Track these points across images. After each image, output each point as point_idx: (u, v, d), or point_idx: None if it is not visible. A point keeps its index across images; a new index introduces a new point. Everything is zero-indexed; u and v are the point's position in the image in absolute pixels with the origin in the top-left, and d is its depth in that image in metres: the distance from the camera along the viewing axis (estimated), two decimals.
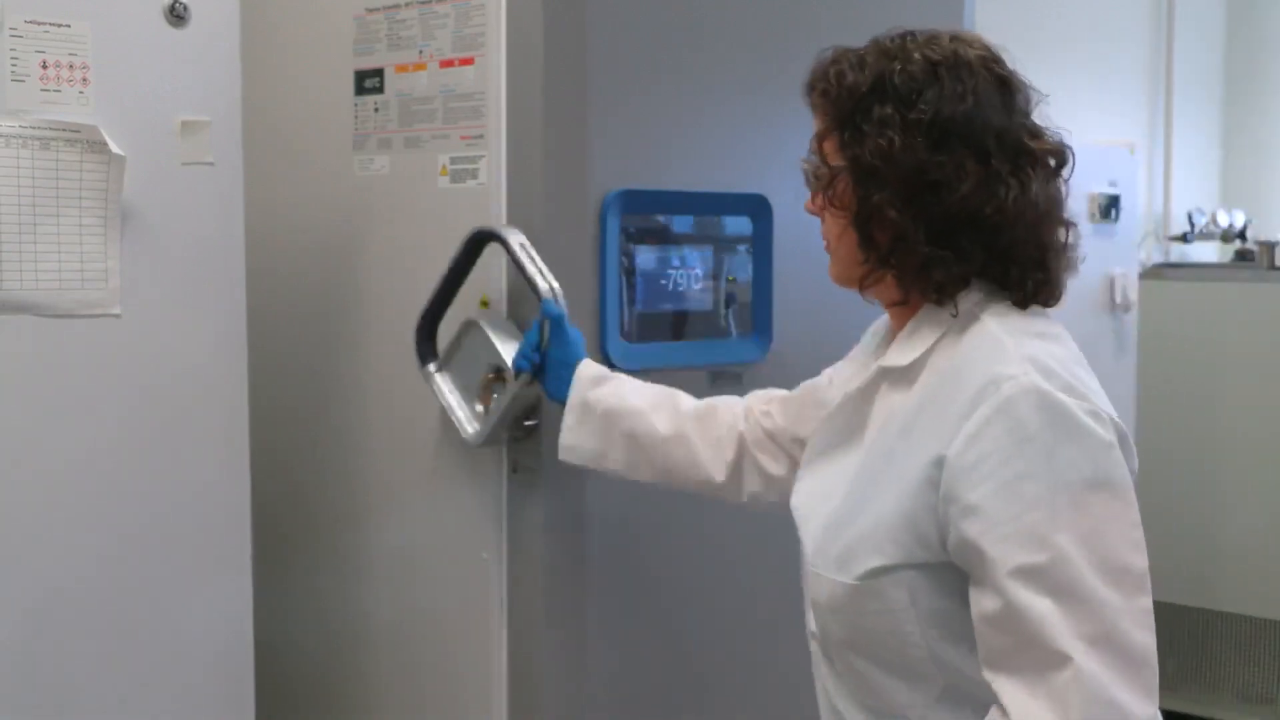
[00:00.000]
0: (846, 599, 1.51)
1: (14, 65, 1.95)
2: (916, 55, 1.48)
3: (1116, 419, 1.42)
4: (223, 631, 2.19)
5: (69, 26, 1.99)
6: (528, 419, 2.22)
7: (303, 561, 2.66)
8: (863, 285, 1.56)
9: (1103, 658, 1.32)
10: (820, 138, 1.56)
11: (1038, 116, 1.54)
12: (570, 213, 2.25)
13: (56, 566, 2.02)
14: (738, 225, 2.49)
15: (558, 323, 2.09)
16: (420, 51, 2.40)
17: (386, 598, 2.55)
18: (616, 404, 2.06)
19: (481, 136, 2.31)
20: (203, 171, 2.13)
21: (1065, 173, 1.53)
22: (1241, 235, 5.37)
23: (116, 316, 2.05)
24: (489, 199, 2.31)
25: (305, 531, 2.67)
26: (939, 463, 1.42)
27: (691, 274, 2.41)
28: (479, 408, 2.24)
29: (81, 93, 2.00)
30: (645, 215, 2.35)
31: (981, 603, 1.39)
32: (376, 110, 2.48)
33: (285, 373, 2.63)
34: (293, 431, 2.66)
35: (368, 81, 2.50)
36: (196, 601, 2.15)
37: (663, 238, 2.40)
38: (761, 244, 2.49)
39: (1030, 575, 1.35)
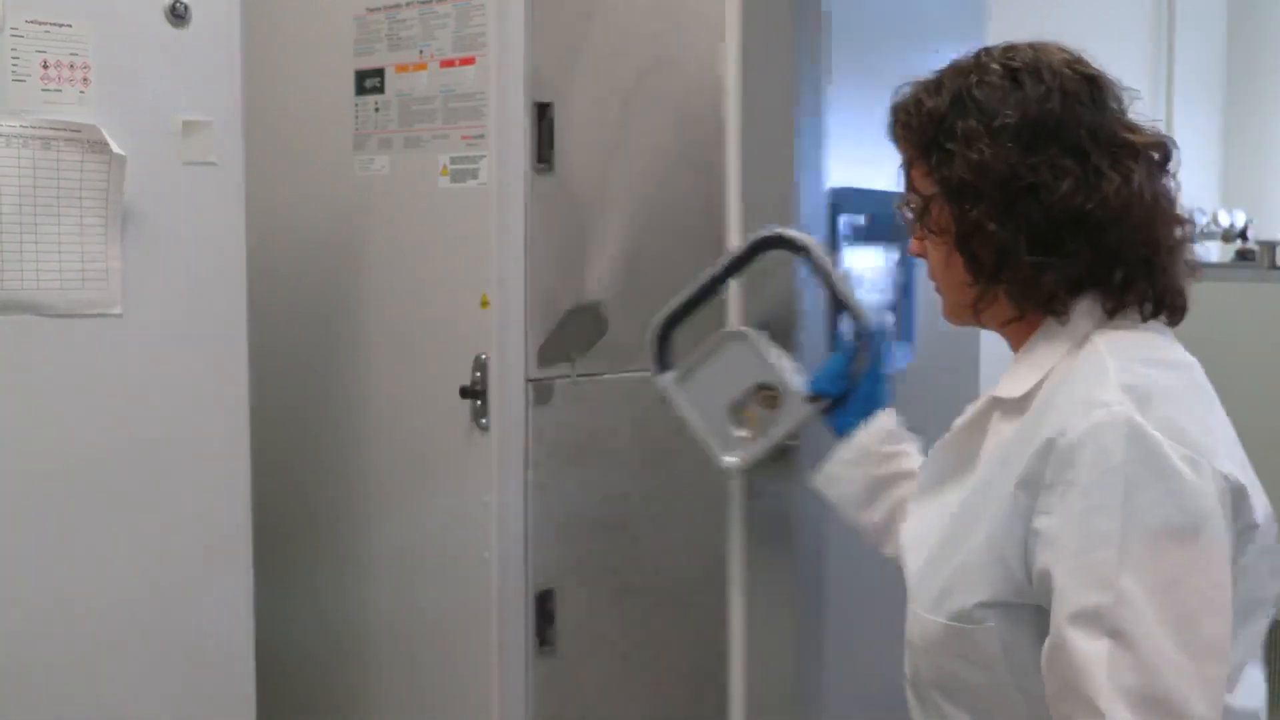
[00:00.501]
0: (939, 640, 1.42)
1: (15, 65, 1.95)
2: (994, 66, 1.43)
3: (1228, 473, 1.28)
4: (224, 631, 2.19)
5: (70, 26, 1.99)
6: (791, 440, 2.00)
7: (304, 561, 2.66)
8: (977, 310, 1.47)
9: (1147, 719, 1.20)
10: (908, 170, 1.50)
11: (1132, 114, 1.46)
12: (798, 212, 2.05)
13: (57, 566, 2.02)
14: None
15: (879, 347, 1.86)
16: (421, 51, 2.40)
17: (387, 597, 2.55)
18: (901, 469, 1.81)
19: (482, 136, 2.32)
20: (203, 171, 2.13)
21: (1171, 167, 1.45)
22: (1242, 235, 5.36)
23: (117, 316, 2.05)
24: (489, 199, 2.31)
25: (305, 531, 2.67)
26: (1025, 485, 1.33)
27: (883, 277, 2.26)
28: (739, 430, 2.00)
29: (82, 92, 2.00)
30: (855, 214, 2.19)
31: (1048, 638, 1.30)
32: (377, 110, 2.48)
33: (286, 372, 2.63)
34: (293, 431, 2.66)
35: (368, 81, 2.50)
36: (197, 601, 2.15)
37: (873, 237, 2.21)
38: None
39: (1087, 617, 1.24)
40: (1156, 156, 1.43)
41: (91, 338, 2.03)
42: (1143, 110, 1.46)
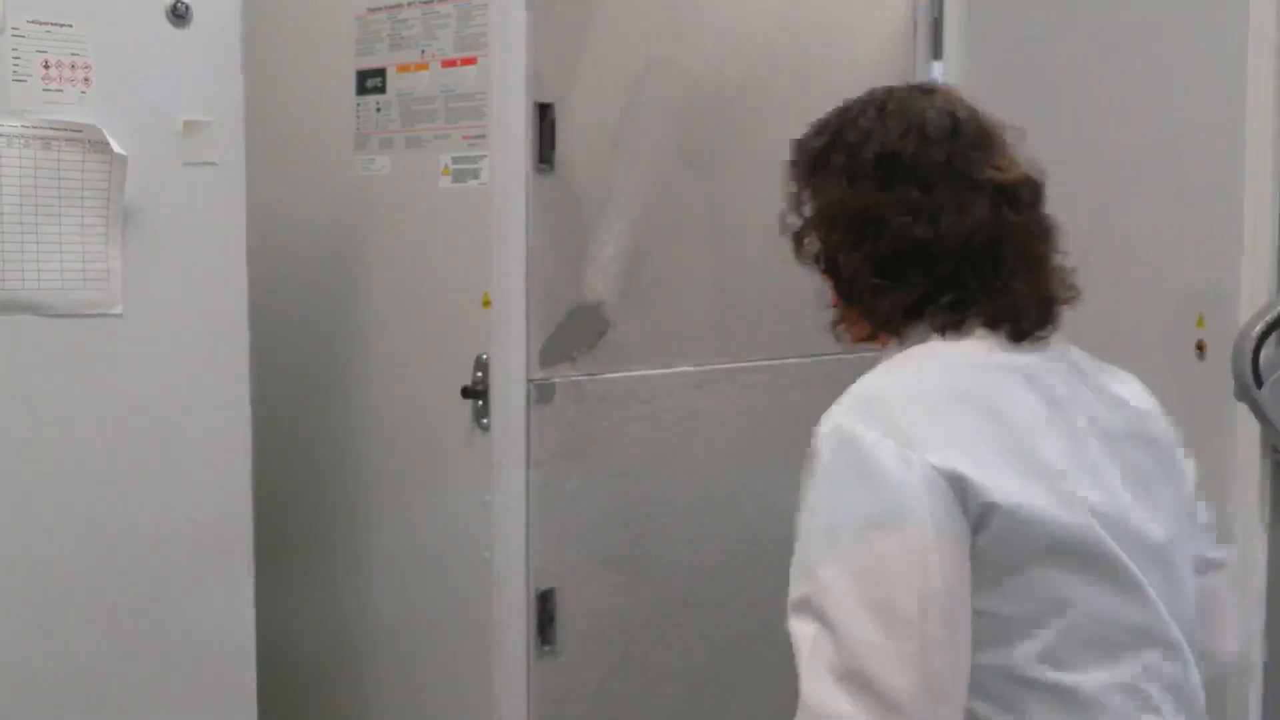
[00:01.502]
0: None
1: (16, 65, 1.95)
2: (870, 109, 1.58)
3: (942, 464, 1.38)
4: (225, 631, 2.19)
5: (71, 26, 1.99)
6: None
7: (305, 561, 2.66)
8: (835, 327, 1.64)
9: (850, 693, 1.33)
10: (796, 200, 1.66)
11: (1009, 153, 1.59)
12: None
13: (58, 566, 2.02)
14: None
15: None
16: (422, 51, 2.40)
17: (388, 597, 2.55)
18: None
19: (483, 136, 2.32)
20: (204, 171, 2.13)
21: (1035, 206, 1.57)
22: None
23: (118, 316, 2.05)
24: (491, 199, 2.31)
25: (306, 531, 2.67)
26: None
27: None
28: None
29: (83, 92, 2.00)
30: None
31: None
32: (378, 110, 2.48)
33: (287, 372, 2.63)
34: (294, 431, 2.66)
35: (369, 81, 2.50)
36: (198, 601, 2.15)
37: None
38: None
39: (800, 605, 1.39)
40: (1021, 193, 1.55)
41: (92, 338, 2.03)
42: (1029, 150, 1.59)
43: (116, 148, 2.01)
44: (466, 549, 2.38)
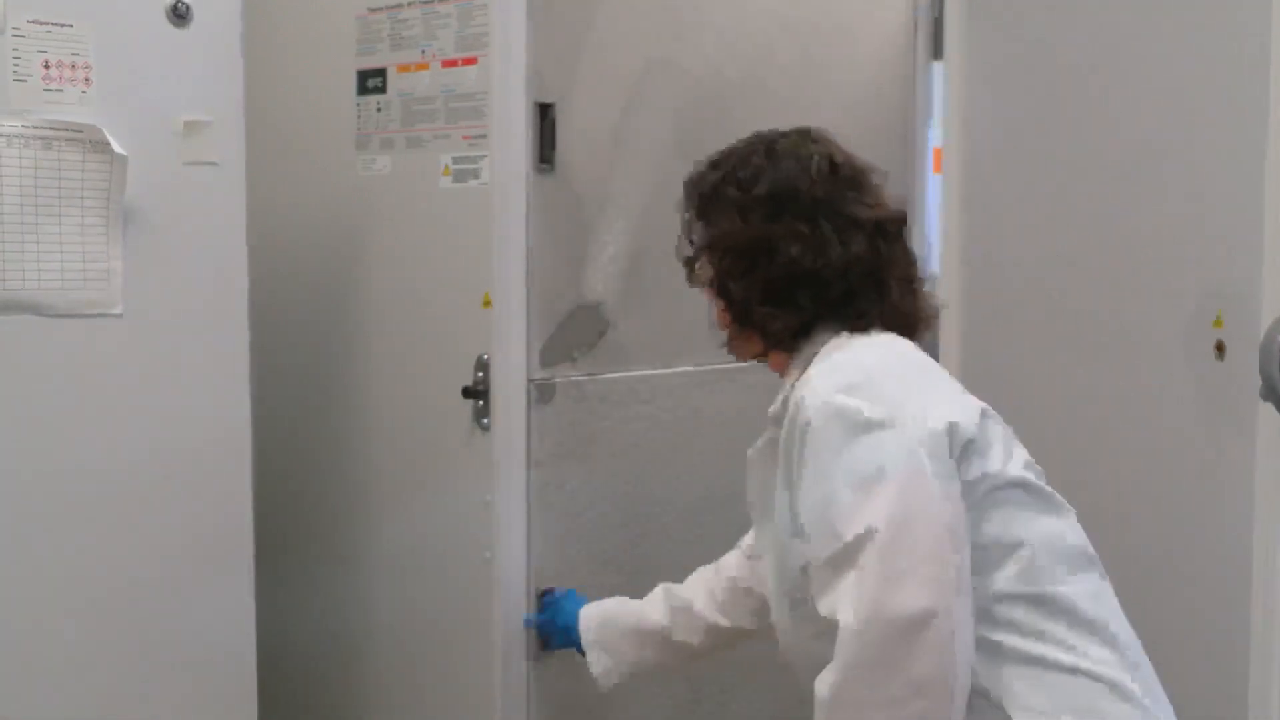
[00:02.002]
0: (791, 627, 1.74)
1: (16, 65, 1.95)
2: (760, 148, 1.76)
3: (929, 416, 1.56)
4: (225, 630, 2.19)
5: (71, 26, 1.99)
6: None
7: (305, 561, 2.66)
8: (730, 346, 1.83)
9: (888, 620, 1.49)
10: (687, 230, 1.82)
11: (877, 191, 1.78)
12: None
13: (58, 566, 2.02)
14: None
15: None
16: (423, 51, 2.40)
17: (388, 597, 2.55)
18: None
19: (484, 136, 2.31)
20: (205, 171, 2.13)
21: (902, 237, 1.77)
22: None
23: (118, 316, 2.05)
24: (491, 199, 2.31)
25: (307, 531, 2.67)
26: (785, 471, 1.67)
27: None
28: None
29: (84, 92, 2.00)
30: None
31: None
32: (379, 110, 2.48)
33: (287, 372, 2.63)
34: (295, 431, 2.66)
35: (370, 81, 2.50)
36: (199, 602, 2.15)
37: None
38: None
39: (833, 562, 1.54)
40: (890, 227, 1.75)
41: (92, 338, 2.03)
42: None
43: (117, 148, 2.01)
44: (467, 549, 2.38)
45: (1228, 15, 2.20)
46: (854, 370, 1.63)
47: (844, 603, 1.50)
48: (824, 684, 1.53)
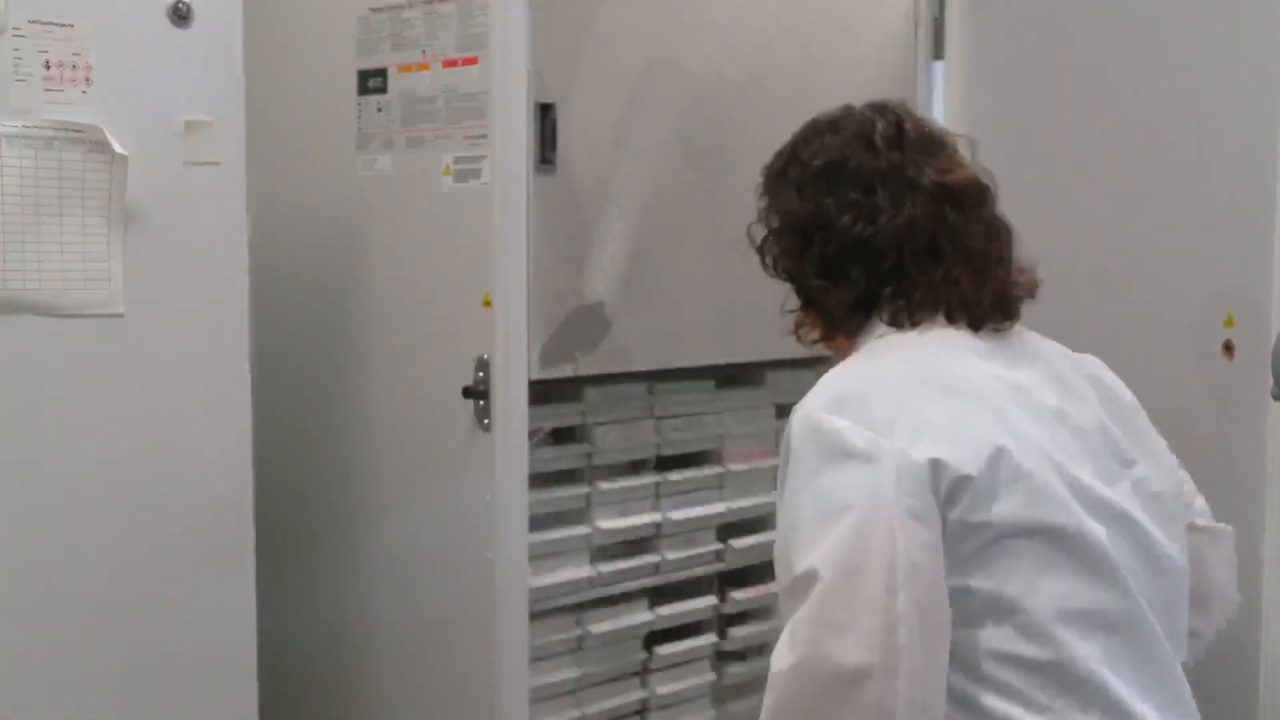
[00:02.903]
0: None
1: (17, 65, 1.95)
2: (825, 125, 1.69)
3: (910, 449, 1.43)
4: (226, 630, 2.19)
5: (72, 26, 1.99)
6: None
7: (305, 561, 2.66)
8: (796, 330, 1.74)
9: (812, 667, 1.42)
10: (762, 217, 1.74)
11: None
12: None
13: (59, 566, 2.02)
14: None
15: None
16: (423, 51, 2.40)
17: (389, 597, 2.55)
18: None
19: (485, 136, 2.32)
20: (206, 171, 2.13)
21: (980, 206, 1.65)
22: None
23: (119, 316, 2.05)
24: (492, 199, 2.31)
25: (307, 531, 2.67)
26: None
27: None
28: None
29: (85, 92, 2.00)
30: None
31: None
32: (379, 110, 2.48)
33: (288, 372, 2.63)
34: (296, 431, 2.66)
35: (371, 81, 2.50)
36: (199, 601, 2.15)
37: None
38: None
39: (789, 592, 1.44)
40: (965, 193, 1.63)
41: (94, 338, 2.03)
42: None
43: (118, 148, 2.01)
44: (468, 549, 2.38)
45: (1235, 14, 2.20)
46: (850, 382, 1.54)
47: (783, 640, 1.43)
48: None
